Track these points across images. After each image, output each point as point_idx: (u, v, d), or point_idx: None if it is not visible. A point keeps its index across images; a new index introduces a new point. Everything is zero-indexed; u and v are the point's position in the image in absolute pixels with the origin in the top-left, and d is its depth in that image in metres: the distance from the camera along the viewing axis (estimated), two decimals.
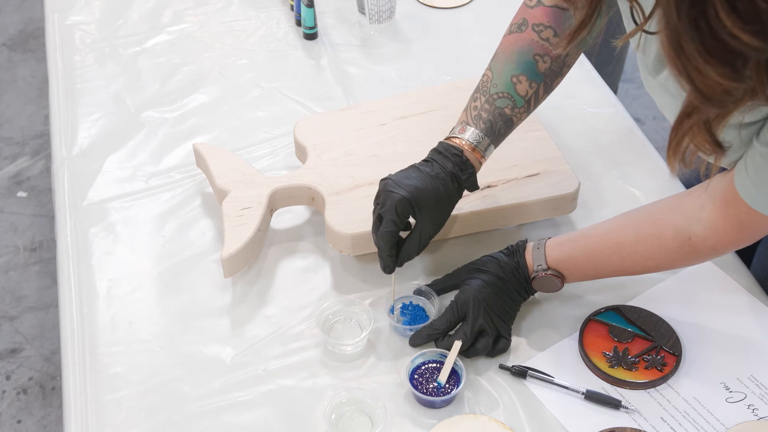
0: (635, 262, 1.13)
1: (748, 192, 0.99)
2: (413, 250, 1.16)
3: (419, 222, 1.15)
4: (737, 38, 0.72)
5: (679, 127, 0.88)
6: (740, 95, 0.79)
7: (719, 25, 0.72)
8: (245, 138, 1.49)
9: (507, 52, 1.19)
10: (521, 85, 1.18)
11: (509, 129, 1.20)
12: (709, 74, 0.76)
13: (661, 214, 1.10)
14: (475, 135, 1.17)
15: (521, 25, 1.19)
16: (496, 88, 1.18)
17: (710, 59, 0.75)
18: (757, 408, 1.12)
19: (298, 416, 1.13)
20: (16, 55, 3.02)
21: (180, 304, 1.25)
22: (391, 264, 1.16)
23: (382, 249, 1.15)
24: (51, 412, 2.09)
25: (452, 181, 1.15)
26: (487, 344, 1.15)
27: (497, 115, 1.18)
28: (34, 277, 2.37)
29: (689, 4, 0.73)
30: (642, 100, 2.80)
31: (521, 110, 1.19)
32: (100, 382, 1.17)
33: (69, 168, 1.45)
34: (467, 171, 1.16)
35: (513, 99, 1.18)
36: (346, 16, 1.74)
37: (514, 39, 1.19)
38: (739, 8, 0.71)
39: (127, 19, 1.75)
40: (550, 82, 1.20)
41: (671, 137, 0.89)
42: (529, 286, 1.18)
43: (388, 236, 1.14)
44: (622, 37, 0.95)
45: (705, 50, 0.74)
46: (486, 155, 1.18)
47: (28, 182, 2.62)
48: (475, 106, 1.19)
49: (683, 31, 0.74)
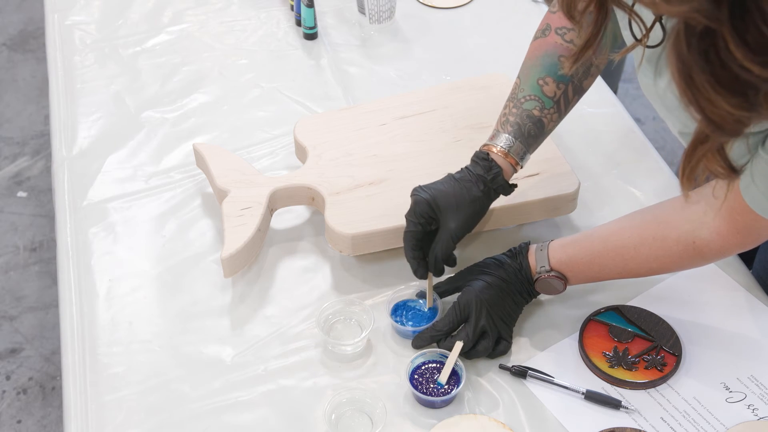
0: (639, 265, 1.13)
1: (755, 199, 0.99)
2: (438, 251, 1.17)
3: (442, 223, 1.16)
4: (748, 70, 0.72)
5: (693, 154, 0.87)
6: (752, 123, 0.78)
7: (729, 57, 0.72)
8: (245, 138, 1.49)
9: (533, 58, 1.20)
10: (548, 87, 1.18)
11: (541, 130, 1.19)
12: (721, 105, 0.75)
13: (665, 218, 1.10)
14: (504, 139, 1.18)
15: (545, 30, 1.20)
16: (523, 92, 1.19)
17: (721, 90, 0.74)
18: (757, 408, 1.12)
19: (298, 416, 1.13)
20: (16, 55, 3.02)
21: (180, 304, 1.25)
22: (417, 267, 1.17)
23: (406, 251, 1.17)
24: (51, 412, 2.09)
25: (477, 183, 1.15)
26: (488, 346, 1.15)
27: (525, 117, 1.18)
28: (34, 277, 2.36)
29: (699, 36, 0.72)
30: (642, 100, 2.80)
31: (551, 111, 1.19)
32: (100, 382, 1.17)
33: (69, 168, 1.45)
34: (492, 171, 1.16)
35: (541, 101, 1.18)
36: (346, 16, 1.74)
37: (538, 44, 1.20)
38: (749, 40, 0.71)
39: (127, 19, 1.75)
40: (578, 82, 1.20)
41: (684, 164, 0.88)
42: (532, 288, 1.18)
43: (408, 236, 1.16)
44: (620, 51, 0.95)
45: (716, 81, 0.74)
46: (520, 160, 1.18)
47: (28, 182, 2.62)
48: (504, 113, 1.20)
49: (693, 62, 0.74)
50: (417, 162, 1.34)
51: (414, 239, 1.16)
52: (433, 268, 1.18)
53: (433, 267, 1.18)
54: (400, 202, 1.21)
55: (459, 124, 1.41)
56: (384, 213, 1.26)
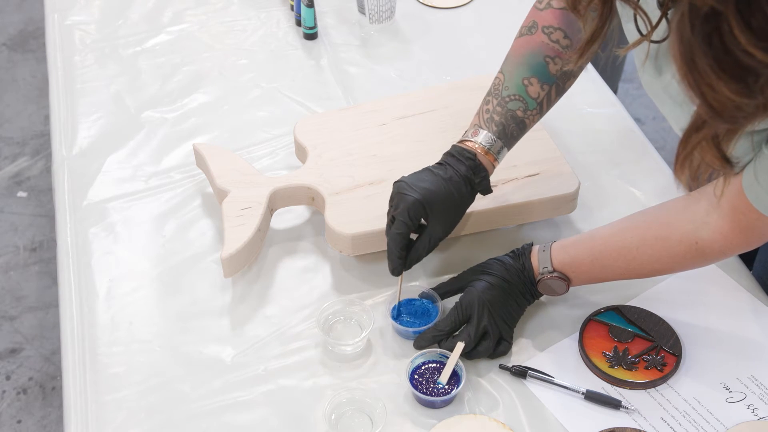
0: (642, 265, 1.12)
1: (759, 198, 0.98)
2: (422, 252, 1.17)
3: (430, 224, 1.15)
4: (751, 55, 0.72)
5: (687, 141, 0.87)
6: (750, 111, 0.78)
7: (733, 41, 0.72)
8: (245, 138, 1.49)
9: (517, 55, 1.19)
10: (533, 87, 1.18)
11: (522, 131, 1.20)
12: (721, 90, 0.75)
13: (667, 218, 1.10)
14: (488, 138, 1.17)
15: (531, 28, 1.19)
16: (508, 91, 1.18)
17: (723, 75, 0.74)
18: (757, 408, 1.12)
19: (298, 416, 1.13)
20: (16, 55, 3.02)
21: (180, 304, 1.25)
22: (399, 266, 1.17)
23: (391, 250, 1.16)
24: (51, 412, 2.09)
25: (465, 185, 1.15)
26: (489, 347, 1.15)
27: (509, 118, 1.18)
28: (34, 277, 2.36)
29: (703, 19, 0.72)
30: (642, 100, 2.80)
31: (533, 112, 1.19)
32: (100, 382, 1.17)
33: (69, 168, 1.45)
34: (480, 174, 1.16)
35: (525, 101, 1.18)
36: (346, 16, 1.74)
37: (524, 41, 1.20)
38: (753, 25, 0.70)
39: (127, 19, 1.75)
40: (562, 84, 1.20)
41: (679, 151, 0.88)
42: (534, 289, 1.18)
43: (398, 237, 1.15)
44: (625, 47, 0.94)
45: (718, 66, 0.74)
46: (499, 158, 1.18)
47: (28, 182, 2.62)
48: (487, 109, 1.19)
49: (696, 46, 0.74)
50: (417, 162, 1.34)
51: (404, 240, 1.15)
52: (409, 266, 1.17)
53: (410, 265, 1.17)
54: None
55: (459, 124, 1.40)
56: (384, 213, 1.25)
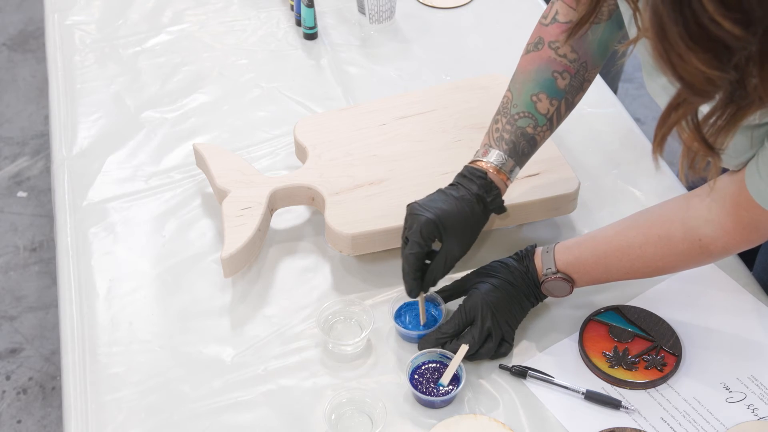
0: (645, 264, 1.12)
1: (761, 193, 0.98)
2: (438, 273, 1.15)
3: (445, 244, 1.14)
4: (719, 24, 0.73)
5: (666, 119, 0.87)
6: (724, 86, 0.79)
7: (701, 9, 0.73)
8: (245, 138, 1.49)
9: (525, 72, 1.19)
10: (542, 104, 1.17)
11: (533, 148, 1.19)
12: (691, 60, 0.76)
13: (670, 216, 1.10)
14: (499, 157, 1.17)
15: (537, 44, 1.19)
16: (517, 108, 1.18)
17: (693, 45, 0.75)
18: (757, 408, 1.12)
19: (298, 416, 1.13)
20: (16, 55, 3.02)
21: (180, 304, 1.25)
22: (415, 288, 1.15)
23: (406, 271, 1.14)
24: (51, 412, 2.09)
25: (477, 203, 1.14)
26: (491, 349, 1.15)
27: (519, 135, 1.17)
28: (34, 277, 2.37)
29: None
30: (642, 100, 2.80)
31: (544, 128, 1.18)
32: (100, 382, 1.17)
33: (69, 168, 1.45)
34: (492, 193, 1.15)
35: (534, 118, 1.17)
36: (346, 16, 1.74)
37: (531, 58, 1.19)
38: None
39: (127, 19, 1.75)
40: (571, 98, 1.19)
41: (657, 129, 0.88)
42: (538, 291, 1.18)
43: (412, 258, 1.13)
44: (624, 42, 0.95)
45: (688, 35, 0.75)
46: (511, 177, 1.18)
47: (28, 182, 2.62)
48: (497, 128, 1.19)
49: (667, 15, 0.75)
50: (417, 162, 1.34)
51: (418, 261, 1.14)
52: (426, 288, 1.17)
53: (426, 287, 1.16)
54: (400, 202, 1.21)
55: (459, 124, 1.41)
56: (384, 213, 1.26)
